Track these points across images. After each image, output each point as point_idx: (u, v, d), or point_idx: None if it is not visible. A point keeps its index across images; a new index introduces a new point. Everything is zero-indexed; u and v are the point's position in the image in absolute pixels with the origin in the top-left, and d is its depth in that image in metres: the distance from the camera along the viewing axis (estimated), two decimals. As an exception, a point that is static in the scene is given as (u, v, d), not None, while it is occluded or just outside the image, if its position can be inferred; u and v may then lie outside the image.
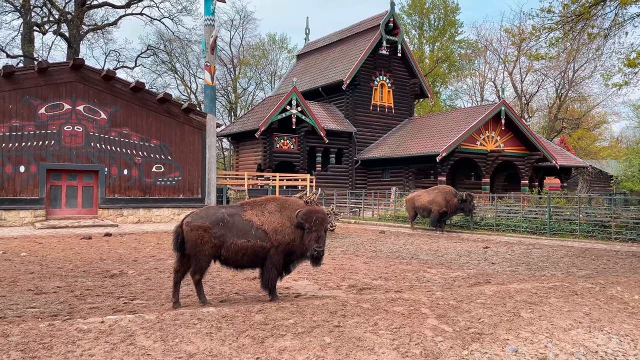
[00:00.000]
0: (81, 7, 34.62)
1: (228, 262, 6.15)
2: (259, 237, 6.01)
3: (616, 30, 13.76)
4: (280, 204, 6.29)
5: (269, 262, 6.08)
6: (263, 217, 6.14)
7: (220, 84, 49.17)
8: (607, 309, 5.84)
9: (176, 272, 6.16)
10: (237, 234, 5.96)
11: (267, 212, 6.19)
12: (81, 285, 7.56)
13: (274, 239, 6.04)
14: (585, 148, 51.63)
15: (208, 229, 5.89)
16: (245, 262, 6.12)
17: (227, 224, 5.98)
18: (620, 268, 9.82)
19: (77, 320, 4.78)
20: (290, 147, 29.52)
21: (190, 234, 5.90)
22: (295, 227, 6.04)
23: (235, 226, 5.99)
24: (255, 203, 6.37)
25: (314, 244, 5.86)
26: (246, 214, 6.16)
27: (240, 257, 6.02)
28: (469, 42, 53.57)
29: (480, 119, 27.07)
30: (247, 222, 6.06)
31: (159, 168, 20.96)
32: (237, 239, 5.95)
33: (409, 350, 4.31)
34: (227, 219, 6.00)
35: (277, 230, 6.06)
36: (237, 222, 6.03)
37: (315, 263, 6.12)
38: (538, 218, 17.59)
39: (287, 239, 6.07)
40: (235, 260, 6.08)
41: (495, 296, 6.23)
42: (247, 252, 6.00)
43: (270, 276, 6.12)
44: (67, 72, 19.09)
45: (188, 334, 4.47)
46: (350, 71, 31.21)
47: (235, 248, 5.95)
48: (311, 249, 5.86)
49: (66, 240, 13.84)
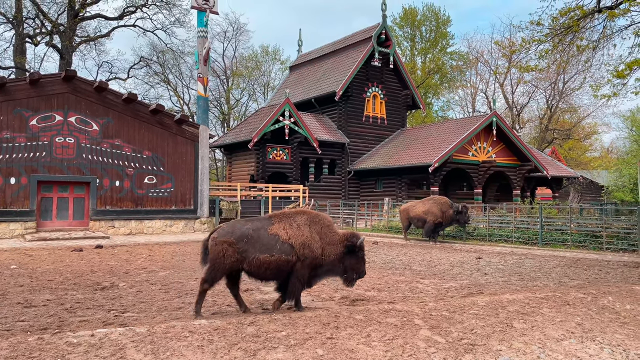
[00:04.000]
0: (74, 19, 34.63)
1: (252, 274, 6.27)
2: (283, 252, 6.09)
3: (605, 43, 13.96)
4: (310, 218, 6.41)
5: (294, 276, 6.18)
6: (291, 230, 6.22)
7: (213, 95, 49.22)
8: (599, 319, 5.86)
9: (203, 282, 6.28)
10: (261, 249, 6.07)
11: (295, 225, 6.28)
12: (71, 298, 7.48)
13: (300, 252, 6.12)
14: (576, 158, 52.07)
15: (233, 244, 6.05)
16: (268, 275, 6.21)
17: (251, 239, 6.10)
18: (611, 278, 9.86)
19: (66, 334, 4.72)
20: (283, 157, 29.53)
21: (215, 247, 6.07)
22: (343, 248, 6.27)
23: (259, 241, 6.10)
24: (284, 215, 6.46)
25: (363, 267, 6.37)
26: (273, 227, 6.24)
27: (262, 270, 6.11)
28: (460, 54, 54.12)
29: (472, 129, 27.25)
30: (272, 237, 6.16)
31: (151, 179, 20.87)
32: (259, 254, 6.05)
33: (401, 362, 4.29)
34: (251, 235, 6.12)
35: (305, 244, 6.15)
36: (262, 237, 6.13)
37: (351, 284, 6.47)
38: (530, 228, 17.66)
39: (315, 253, 6.18)
40: (258, 274, 6.19)
41: (488, 307, 6.23)
42: (270, 267, 6.09)
43: (294, 289, 6.25)
44: (59, 83, 19.04)
45: (179, 347, 4.43)
46: (343, 82, 31.37)
47: (257, 263, 6.05)
48: (362, 271, 6.37)
49: (57, 252, 13.71)
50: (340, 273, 6.41)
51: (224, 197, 23.89)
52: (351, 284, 6.48)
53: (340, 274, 6.42)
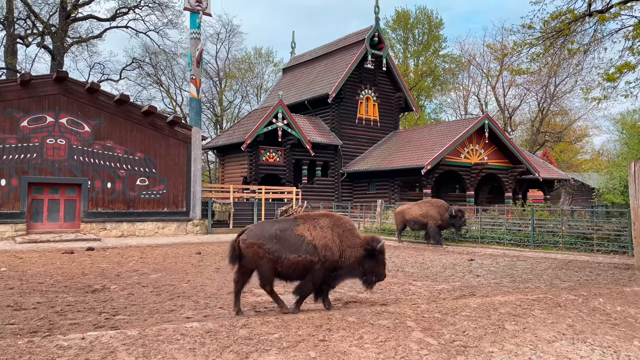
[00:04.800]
0: (65, 20, 34.44)
1: (281, 276, 6.35)
2: (308, 252, 6.23)
3: (595, 46, 14.09)
4: (333, 221, 6.56)
5: (309, 276, 6.31)
6: (315, 231, 6.36)
7: (206, 97, 49.11)
8: (590, 321, 5.89)
9: (235, 282, 6.49)
10: (290, 249, 6.21)
11: (319, 227, 6.43)
12: (62, 300, 7.42)
13: (322, 254, 6.26)
14: (567, 161, 52.45)
15: (262, 245, 6.17)
16: (296, 275, 6.33)
17: (280, 240, 6.23)
18: (602, 280, 9.93)
19: (57, 337, 4.69)
20: (276, 159, 29.51)
21: (246, 250, 6.22)
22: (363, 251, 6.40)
23: (287, 242, 6.24)
24: (308, 217, 6.63)
25: (383, 270, 6.56)
26: (299, 228, 6.39)
27: (292, 271, 6.24)
28: (452, 57, 54.38)
29: (464, 132, 27.38)
30: (299, 237, 6.29)
31: (143, 181, 20.77)
32: (289, 254, 6.18)
33: (394, 364, 4.30)
34: (279, 235, 6.26)
35: (327, 247, 6.29)
36: (289, 238, 6.27)
37: (370, 286, 6.63)
38: (522, 230, 17.74)
39: (335, 255, 6.32)
40: (288, 274, 6.30)
41: (480, 308, 6.25)
42: (298, 267, 6.22)
43: (305, 289, 6.39)
44: (51, 84, 18.92)
45: (171, 350, 4.41)
46: (336, 85, 31.41)
47: (288, 263, 6.18)
48: (382, 274, 6.55)
49: (47, 254, 13.60)
50: (360, 275, 6.56)
51: (216, 199, 23.81)
52: (371, 286, 6.64)
53: (360, 276, 6.57)
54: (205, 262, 12.38)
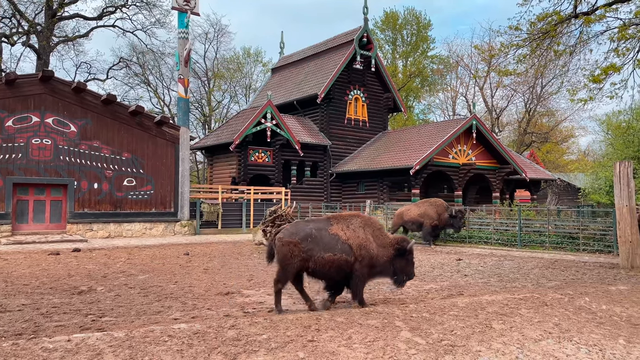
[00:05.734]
0: (51, 19, 34.04)
1: (315, 274, 6.51)
2: (344, 251, 6.38)
3: (581, 48, 14.26)
4: (364, 221, 6.73)
5: (355, 277, 6.46)
6: (348, 231, 6.53)
7: (194, 97, 48.86)
8: (576, 319, 5.96)
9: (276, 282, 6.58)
10: (324, 248, 6.35)
11: (351, 227, 6.59)
12: (48, 302, 7.33)
13: (357, 253, 6.42)
14: (553, 161, 52.98)
15: (297, 244, 6.31)
16: (331, 273, 6.46)
17: (315, 239, 6.39)
18: (588, 279, 10.04)
19: (42, 339, 4.63)
20: (265, 160, 29.44)
21: (282, 248, 6.36)
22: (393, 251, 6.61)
23: (322, 240, 6.39)
24: (340, 217, 6.77)
25: (413, 269, 6.78)
26: (332, 228, 6.54)
27: (327, 269, 6.38)
28: (440, 58, 54.67)
29: (452, 132, 27.54)
30: (333, 237, 6.45)
31: (131, 182, 20.61)
32: (323, 253, 6.32)
33: (382, 363, 4.30)
34: (314, 234, 6.41)
35: (362, 246, 6.46)
36: (324, 237, 6.42)
37: (400, 285, 6.83)
38: (509, 230, 17.88)
39: (371, 254, 6.49)
40: (322, 272, 6.44)
41: (468, 308, 6.29)
42: (333, 265, 6.36)
43: (357, 289, 6.54)
44: (36, 84, 18.70)
45: (158, 352, 4.37)
46: (325, 85, 31.43)
47: (322, 261, 6.32)
48: (411, 273, 6.78)
49: (33, 256, 13.44)
50: (391, 274, 6.76)
51: (205, 200, 23.70)
52: (401, 284, 6.84)
53: (391, 275, 6.77)
54: (193, 263, 12.32)
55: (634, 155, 21.72)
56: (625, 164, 11.64)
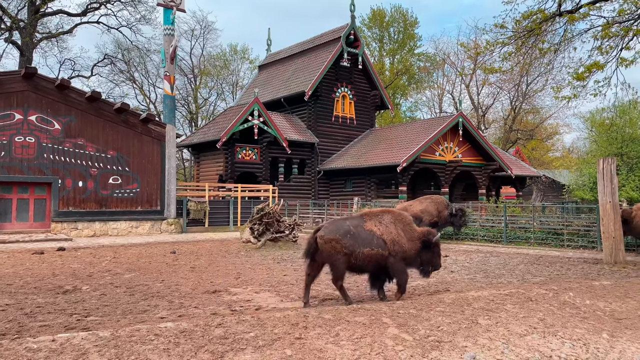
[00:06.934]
0: (34, 15, 33.54)
1: (354, 268, 6.87)
2: (379, 246, 6.73)
3: (566, 46, 14.40)
4: (394, 217, 7.06)
5: (396, 270, 6.84)
6: (382, 227, 6.87)
7: (180, 94, 48.50)
8: (560, 314, 6.03)
9: (307, 275, 6.94)
10: (362, 243, 6.68)
11: (384, 223, 6.93)
12: (32, 302, 7.24)
13: (391, 248, 6.77)
14: (538, 158, 53.56)
15: (339, 241, 6.61)
16: (369, 267, 6.83)
17: (354, 235, 6.70)
18: (572, 274, 10.17)
19: (26, 339, 4.57)
20: (252, 157, 29.34)
21: (325, 245, 6.65)
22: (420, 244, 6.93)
23: (360, 236, 6.72)
24: (372, 214, 7.11)
25: (439, 261, 7.14)
26: (367, 224, 6.88)
27: (366, 263, 6.73)
28: (427, 55, 54.91)
29: (439, 130, 27.69)
30: (369, 233, 6.79)
31: (116, 180, 20.41)
32: (363, 248, 6.66)
33: (370, 360, 4.32)
34: (353, 231, 6.73)
35: (395, 241, 6.81)
36: (361, 233, 6.76)
37: (426, 275, 7.24)
38: (495, 226, 18.04)
39: (403, 248, 6.84)
40: (361, 267, 6.80)
41: (454, 304, 6.33)
42: (372, 259, 6.72)
43: (402, 281, 6.95)
44: (19, 81, 18.42)
45: (144, 351, 4.34)
46: (312, 82, 31.39)
47: (362, 256, 6.65)
48: (438, 264, 7.14)
49: (16, 255, 13.25)
50: (418, 266, 7.11)
51: (191, 198, 23.56)
52: (427, 275, 7.25)
53: (418, 266, 7.12)
54: (180, 261, 12.24)
55: (617, 152, 22.04)
56: (608, 160, 11.80)
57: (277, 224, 15.52)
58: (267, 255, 13.49)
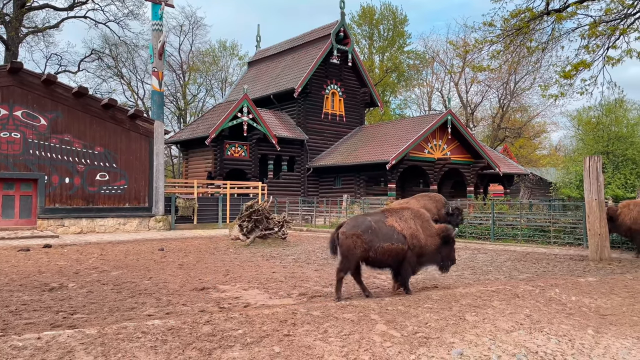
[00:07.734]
0: (20, 9, 33.07)
1: (374, 263, 7.04)
2: (399, 241, 6.95)
3: (553, 44, 14.51)
4: (413, 213, 7.31)
5: (406, 262, 7.04)
6: (402, 223, 7.09)
7: (169, 90, 48.15)
8: (547, 311, 6.09)
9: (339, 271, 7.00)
10: (383, 238, 6.88)
11: (404, 219, 7.16)
12: (17, 299, 7.16)
13: (410, 242, 7.00)
14: (526, 156, 53.98)
15: (360, 236, 6.80)
16: (389, 261, 7.02)
17: (375, 230, 6.89)
18: (558, 271, 10.28)
19: (11, 337, 4.52)
20: (241, 154, 29.24)
21: (345, 240, 6.82)
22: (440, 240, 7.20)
23: (380, 232, 6.91)
24: (393, 210, 7.35)
25: (454, 255, 7.47)
26: (388, 220, 7.09)
27: (385, 257, 6.94)
28: (416, 53, 55.04)
29: (428, 127, 27.80)
30: (390, 228, 6.99)
31: (104, 176, 20.23)
32: (383, 243, 6.86)
33: (358, 356, 4.33)
34: (374, 226, 6.92)
35: (414, 235, 7.04)
36: (382, 228, 6.95)
37: (446, 270, 7.50)
38: (483, 224, 18.16)
39: (421, 243, 7.07)
40: (380, 261, 6.98)
41: (442, 300, 6.37)
42: (391, 254, 6.93)
43: (406, 274, 7.15)
44: (4, 76, 18.16)
45: (131, 349, 4.31)
46: (302, 79, 31.34)
47: (381, 250, 6.86)
48: (454, 259, 7.48)
49: (1, 252, 13.09)
50: (438, 261, 7.35)
51: (180, 195, 23.42)
52: (446, 270, 7.50)
53: (438, 262, 7.36)
54: (168, 258, 12.17)
55: (603, 150, 22.28)
56: (594, 158, 11.93)
57: (266, 221, 15.49)
58: (256, 252, 13.46)
